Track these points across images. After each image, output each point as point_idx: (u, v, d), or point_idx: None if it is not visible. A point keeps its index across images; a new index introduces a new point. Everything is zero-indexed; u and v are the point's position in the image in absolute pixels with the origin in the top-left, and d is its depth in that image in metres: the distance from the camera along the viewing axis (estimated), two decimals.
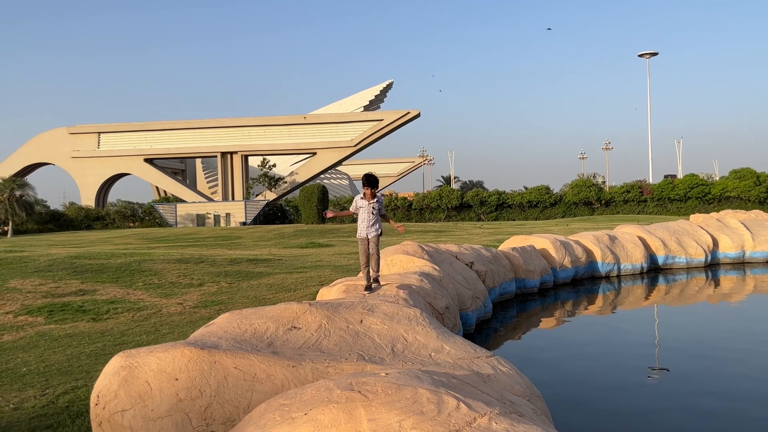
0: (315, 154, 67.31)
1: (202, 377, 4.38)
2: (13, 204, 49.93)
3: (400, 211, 70.98)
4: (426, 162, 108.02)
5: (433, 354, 5.17)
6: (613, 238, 17.86)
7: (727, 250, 19.91)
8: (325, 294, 8.60)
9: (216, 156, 68.65)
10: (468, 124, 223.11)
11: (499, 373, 4.85)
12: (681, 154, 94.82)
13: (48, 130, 69.80)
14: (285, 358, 4.63)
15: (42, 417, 5.53)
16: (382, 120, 65.25)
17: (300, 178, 66.84)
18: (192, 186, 75.48)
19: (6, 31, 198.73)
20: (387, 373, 3.62)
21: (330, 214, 7.74)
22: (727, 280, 17.20)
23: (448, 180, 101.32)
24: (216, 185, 73.92)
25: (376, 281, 7.92)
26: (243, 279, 14.47)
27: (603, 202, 66.01)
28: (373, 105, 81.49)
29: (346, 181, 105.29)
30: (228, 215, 58.69)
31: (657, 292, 15.46)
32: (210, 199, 67.03)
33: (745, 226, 20.96)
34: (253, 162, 71.44)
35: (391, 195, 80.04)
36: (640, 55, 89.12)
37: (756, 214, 30.76)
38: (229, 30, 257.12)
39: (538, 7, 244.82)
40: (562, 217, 63.47)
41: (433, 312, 8.02)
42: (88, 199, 67.92)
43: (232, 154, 67.60)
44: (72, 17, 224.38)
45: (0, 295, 12.27)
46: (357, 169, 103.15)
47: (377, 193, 7.64)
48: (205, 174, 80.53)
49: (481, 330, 10.81)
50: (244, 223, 56.65)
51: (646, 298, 14.84)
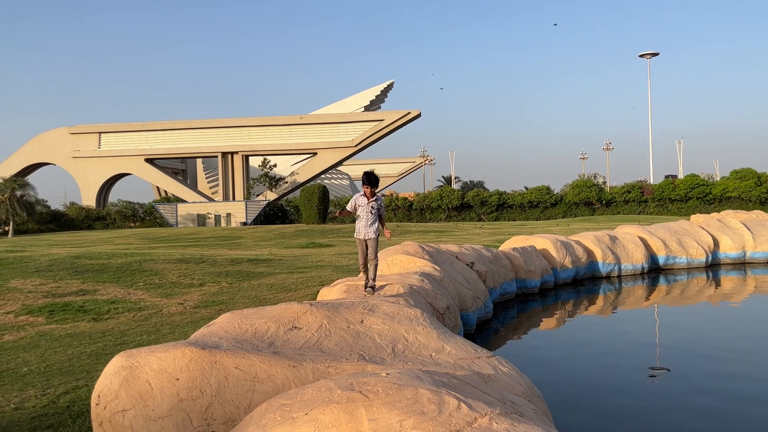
0: (316, 154, 67.30)
1: (202, 377, 4.38)
2: (14, 204, 49.95)
3: (401, 211, 71.02)
4: (427, 162, 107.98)
5: (433, 354, 5.17)
6: (613, 239, 17.85)
7: (728, 250, 19.90)
8: (326, 294, 8.61)
9: (217, 156, 68.64)
10: (469, 125, 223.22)
11: (500, 374, 4.85)
12: (682, 155, 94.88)
13: (49, 130, 69.78)
14: (286, 358, 4.63)
15: (43, 417, 5.53)
16: (382, 120, 65.23)
17: (301, 178, 66.84)
18: (193, 186, 75.50)
19: (6, 31, 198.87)
20: (388, 373, 3.62)
21: (343, 213, 7.57)
22: (728, 280, 17.20)
23: (448, 180, 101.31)
24: (216, 185, 73.95)
25: (372, 288, 7.44)
26: (244, 279, 14.47)
27: (604, 202, 66.01)
28: (373, 105, 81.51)
29: (346, 181, 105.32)
30: (229, 215, 58.68)
31: (658, 293, 15.45)
32: (211, 199, 67.02)
33: (745, 226, 20.96)
34: (254, 162, 71.46)
35: (391, 195, 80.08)
36: (641, 56, 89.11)
37: (757, 214, 30.74)
38: (230, 30, 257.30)
39: (539, 7, 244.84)
40: (563, 217, 63.48)
41: (433, 312, 8.02)
42: (88, 199, 67.92)
43: (232, 154, 67.60)
44: (72, 17, 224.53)
45: (1, 295, 12.28)
46: (357, 169, 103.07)
47: (377, 193, 7.43)
48: (205, 174, 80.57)
49: (482, 330, 10.82)
50: (245, 223, 56.64)
51: (647, 299, 14.84)
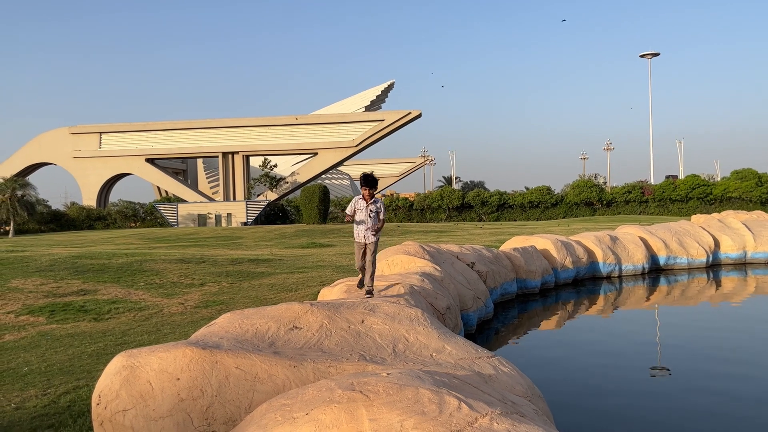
0: (316, 154, 67.31)
1: (203, 377, 4.38)
2: (14, 204, 49.96)
3: (401, 211, 71.01)
4: (427, 162, 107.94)
5: (434, 354, 5.17)
6: (614, 239, 17.84)
7: (729, 250, 19.89)
8: (327, 294, 8.61)
9: (217, 156, 68.63)
10: (469, 125, 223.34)
11: (501, 374, 4.85)
12: (682, 155, 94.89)
13: (49, 130, 69.80)
14: (286, 358, 4.63)
15: (43, 416, 5.53)
16: (383, 120, 65.21)
17: (301, 179, 66.84)
18: (193, 186, 75.50)
19: (6, 31, 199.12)
20: (388, 373, 3.62)
21: (347, 219, 7.30)
22: (729, 280, 17.18)
23: (449, 180, 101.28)
24: (217, 185, 73.97)
25: (369, 293, 7.20)
26: (244, 279, 14.47)
27: (604, 202, 65.98)
28: (374, 105, 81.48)
29: (347, 182, 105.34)
30: (229, 215, 58.68)
31: (658, 293, 15.44)
32: (211, 199, 67.02)
33: (746, 226, 20.95)
34: (255, 162, 71.48)
35: (392, 195, 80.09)
36: (642, 56, 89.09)
37: (758, 214, 30.69)
38: (231, 30, 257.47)
39: (540, 7, 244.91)
40: (564, 217, 63.46)
41: (434, 312, 8.02)
42: (89, 199, 67.94)
43: (233, 154, 67.60)
44: (72, 17, 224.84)
45: (2, 295, 12.28)
46: (358, 170, 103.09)
47: (376, 195, 7.26)
48: (206, 174, 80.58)
49: (483, 330, 10.82)
50: (246, 223, 56.64)
51: (648, 299, 14.83)
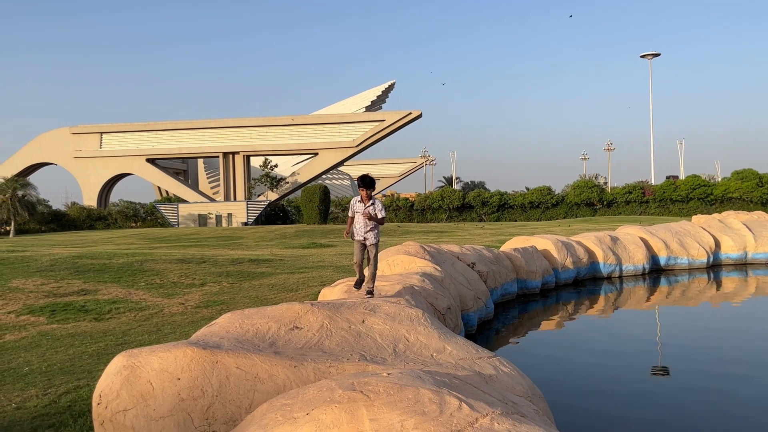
0: (317, 154, 67.32)
1: (204, 377, 4.38)
2: (15, 204, 49.99)
3: (402, 211, 71.02)
4: (428, 162, 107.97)
5: (434, 354, 5.17)
6: (614, 239, 17.83)
7: (729, 251, 19.88)
8: (327, 294, 8.61)
9: (218, 156, 68.66)
10: (470, 125, 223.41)
11: (501, 374, 4.85)
12: (683, 155, 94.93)
13: (50, 130, 69.82)
14: (287, 358, 4.63)
15: (44, 416, 5.54)
16: (384, 120, 65.22)
17: (302, 179, 66.86)
18: (194, 186, 75.53)
19: (6, 31, 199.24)
20: (389, 374, 3.62)
21: (348, 228, 7.10)
22: (729, 281, 17.17)
23: (449, 180, 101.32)
24: (218, 185, 73.99)
25: (370, 293, 7.17)
26: (245, 279, 14.48)
27: (605, 202, 65.96)
28: (375, 105, 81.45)
29: (347, 182, 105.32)
30: (230, 215, 58.69)
31: (659, 293, 15.43)
32: (212, 200, 67.04)
33: (747, 227, 20.93)
34: (255, 162, 71.49)
35: (392, 195, 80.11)
36: (643, 56, 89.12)
37: (758, 215, 30.63)
38: (232, 30, 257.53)
39: (540, 7, 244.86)
40: (564, 217, 63.45)
41: (434, 312, 8.02)
42: (90, 199, 67.97)
43: (234, 154, 67.62)
44: (73, 17, 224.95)
45: (2, 295, 12.29)
46: (359, 170, 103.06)
47: (373, 196, 7.15)
48: (206, 174, 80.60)
49: (483, 330, 10.82)
50: (246, 224, 56.64)
51: (648, 299, 14.82)
